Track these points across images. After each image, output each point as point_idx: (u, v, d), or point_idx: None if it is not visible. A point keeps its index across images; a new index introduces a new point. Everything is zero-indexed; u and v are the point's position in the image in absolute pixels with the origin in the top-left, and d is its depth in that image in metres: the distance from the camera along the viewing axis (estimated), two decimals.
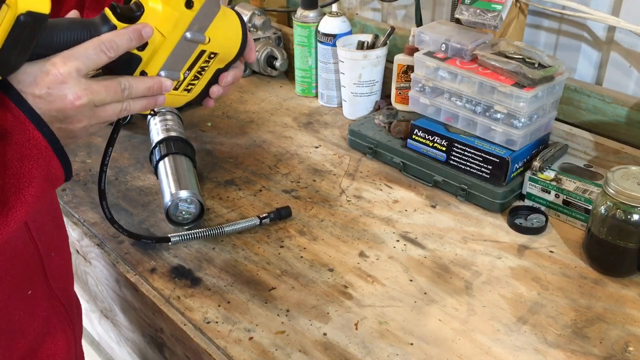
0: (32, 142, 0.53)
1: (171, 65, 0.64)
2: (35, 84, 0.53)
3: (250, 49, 0.73)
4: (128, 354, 1.05)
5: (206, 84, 0.72)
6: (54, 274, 0.71)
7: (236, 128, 1.23)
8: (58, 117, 0.55)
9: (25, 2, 0.49)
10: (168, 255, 0.87)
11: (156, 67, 0.63)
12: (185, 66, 0.66)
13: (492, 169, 0.94)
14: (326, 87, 1.29)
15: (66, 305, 0.74)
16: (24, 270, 0.66)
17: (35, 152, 0.53)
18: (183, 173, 0.95)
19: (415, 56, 1.03)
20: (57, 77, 0.53)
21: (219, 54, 0.69)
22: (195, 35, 0.64)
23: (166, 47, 0.62)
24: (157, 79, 0.63)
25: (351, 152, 1.13)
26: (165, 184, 0.93)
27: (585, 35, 1.06)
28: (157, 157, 0.99)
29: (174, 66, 0.64)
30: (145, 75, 0.62)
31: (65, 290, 0.75)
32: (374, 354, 0.71)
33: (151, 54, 0.62)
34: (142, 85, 0.61)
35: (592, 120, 1.04)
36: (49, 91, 0.53)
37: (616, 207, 0.78)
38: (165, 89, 0.64)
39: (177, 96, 0.70)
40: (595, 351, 0.71)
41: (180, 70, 0.66)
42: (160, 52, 0.62)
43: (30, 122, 0.53)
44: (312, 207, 0.97)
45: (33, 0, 0.49)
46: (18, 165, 0.52)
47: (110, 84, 0.58)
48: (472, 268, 0.84)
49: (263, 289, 0.81)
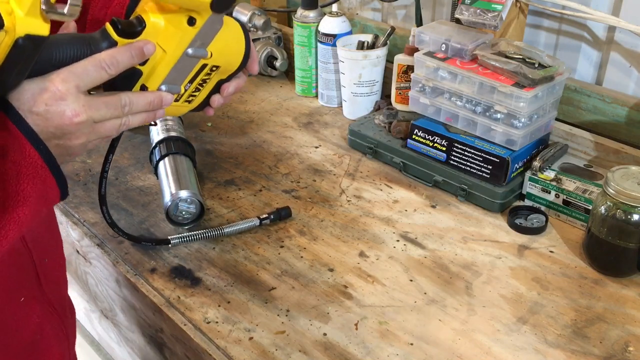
0: (28, 160, 0.52)
1: (172, 80, 0.64)
2: (34, 101, 0.53)
3: (252, 60, 0.72)
4: (128, 354, 1.05)
5: (207, 94, 0.71)
6: (48, 280, 0.70)
7: (236, 128, 1.23)
8: (56, 133, 0.54)
9: (24, 26, 0.48)
10: (168, 255, 0.87)
11: (157, 82, 0.62)
12: (187, 80, 0.66)
13: (492, 169, 0.94)
14: (326, 87, 1.29)
15: (59, 310, 0.73)
16: (17, 276, 0.65)
17: (31, 170, 0.53)
18: (183, 173, 0.95)
19: (415, 56, 1.03)
20: (55, 94, 0.53)
21: (221, 66, 0.68)
22: (197, 51, 0.63)
23: (167, 63, 0.62)
24: (158, 93, 0.62)
25: (351, 152, 1.13)
26: (165, 184, 0.93)
27: (585, 35, 1.06)
28: (157, 157, 0.99)
29: (175, 80, 0.64)
30: (145, 89, 0.62)
31: (59, 296, 0.75)
32: (374, 354, 0.71)
33: (152, 69, 0.61)
34: (143, 100, 0.61)
35: (592, 120, 1.04)
36: (47, 108, 0.53)
37: (616, 207, 0.78)
38: (165, 103, 0.63)
39: (177, 107, 0.69)
40: (595, 351, 0.71)
41: (181, 84, 0.65)
42: (161, 67, 0.62)
43: (27, 141, 0.52)
44: (312, 207, 0.97)
45: (32, 23, 0.49)
46: (14, 183, 0.52)
47: (110, 100, 0.57)
48: (472, 268, 0.84)
49: (263, 289, 0.81)
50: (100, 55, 0.56)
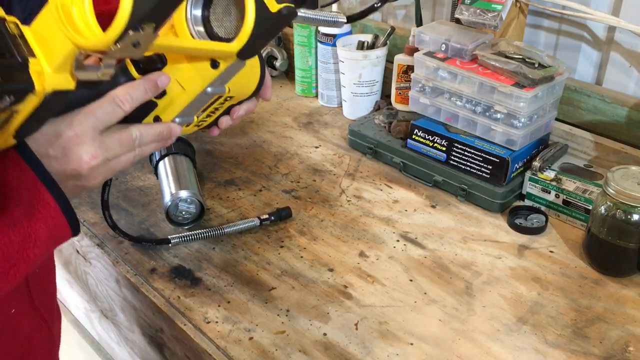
0: (42, 203, 0.52)
1: (186, 113, 0.63)
2: (50, 145, 0.52)
3: (266, 87, 0.71)
4: (128, 354, 1.05)
5: (217, 117, 0.71)
6: (38, 291, 0.70)
7: (236, 128, 1.22)
8: (73, 175, 0.54)
9: (52, 82, 0.47)
10: (168, 255, 0.87)
11: (171, 115, 0.62)
12: (200, 111, 0.65)
13: (492, 169, 0.94)
14: (326, 87, 1.29)
15: (49, 320, 0.73)
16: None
17: (45, 213, 0.52)
18: (183, 173, 0.95)
19: (415, 56, 1.03)
20: (72, 138, 0.52)
21: (235, 96, 0.68)
22: (216, 90, 0.62)
23: (185, 99, 0.61)
24: (167, 125, 0.62)
25: (351, 152, 1.13)
26: (165, 184, 0.93)
27: (585, 35, 1.06)
28: (157, 157, 0.99)
29: (189, 113, 0.64)
30: (159, 120, 0.61)
31: (49, 306, 0.74)
32: (374, 354, 0.71)
33: (168, 103, 0.61)
34: (152, 132, 0.60)
35: (592, 120, 1.04)
36: (65, 152, 0.52)
37: (616, 207, 0.78)
38: (174, 134, 0.62)
39: (185, 129, 0.69)
40: (595, 351, 0.71)
41: (195, 115, 0.65)
42: (178, 102, 0.61)
43: (42, 184, 0.52)
44: (312, 207, 0.97)
45: (60, 79, 0.47)
46: (26, 224, 0.51)
47: (122, 137, 0.57)
48: (472, 268, 0.84)
49: (263, 289, 0.81)
50: (115, 92, 0.55)
